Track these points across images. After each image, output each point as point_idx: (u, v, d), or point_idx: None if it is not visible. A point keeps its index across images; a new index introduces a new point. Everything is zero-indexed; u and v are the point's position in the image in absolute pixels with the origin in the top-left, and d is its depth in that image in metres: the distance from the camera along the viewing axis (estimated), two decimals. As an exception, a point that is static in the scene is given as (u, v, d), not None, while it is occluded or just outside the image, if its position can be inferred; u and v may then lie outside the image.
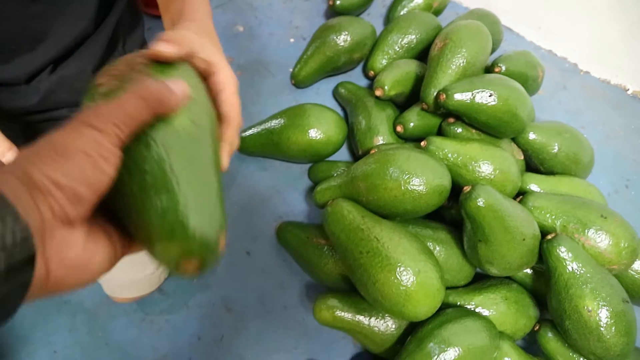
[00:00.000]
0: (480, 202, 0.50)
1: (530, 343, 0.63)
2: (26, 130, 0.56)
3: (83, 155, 0.21)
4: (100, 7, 0.52)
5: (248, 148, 0.72)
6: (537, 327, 0.60)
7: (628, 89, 0.84)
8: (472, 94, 0.59)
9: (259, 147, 0.71)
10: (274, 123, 0.69)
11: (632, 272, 0.61)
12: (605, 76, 0.85)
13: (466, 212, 0.52)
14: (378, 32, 0.81)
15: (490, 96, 0.59)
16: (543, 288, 0.58)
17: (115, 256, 0.26)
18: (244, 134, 0.70)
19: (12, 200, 0.18)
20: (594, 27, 0.81)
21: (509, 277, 0.62)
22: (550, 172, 0.68)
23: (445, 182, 0.56)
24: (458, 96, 0.60)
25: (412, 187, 0.54)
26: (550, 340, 0.58)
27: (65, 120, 0.51)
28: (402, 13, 0.83)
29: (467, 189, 0.52)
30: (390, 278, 0.50)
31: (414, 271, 0.50)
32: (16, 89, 0.52)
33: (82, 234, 0.22)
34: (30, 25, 0.47)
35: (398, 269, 0.50)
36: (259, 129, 0.70)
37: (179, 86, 0.26)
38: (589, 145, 0.69)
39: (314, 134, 0.67)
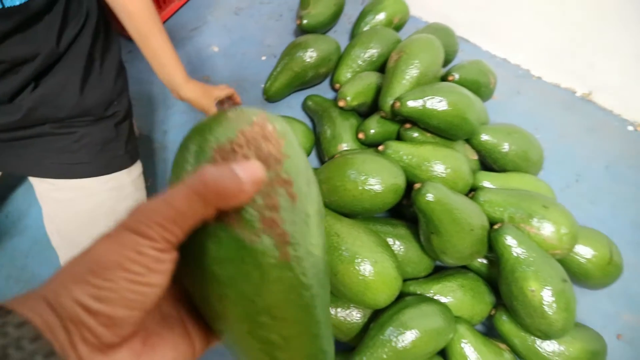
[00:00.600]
0: (429, 197, 0.56)
1: (490, 328, 0.68)
2: (10, 145, 0.61)
3: (120, 271, 0.18)
4: (65, 28, 0.57)
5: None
6: (493, 312, 0.65)
7: (577, 92, 0.91)
8: (424, 100, 0.65)
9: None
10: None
11: (577, 257, 0.66)
12: (556, 80, 0.92)
13: (418, 207, 0.57)
14: (344, 48, 0.88)
15: (440, 102, 0.65)
16: (496, 275, 0.63)
17: (192, 353, 0.23)
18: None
19: (47, 335, 0.17)
20: (544, 35, 0.88)
21: (465, 267, 0.68)
22: (502, 170, 0.74)
23: (400, 181, 0.61)
24: (411, 103, 0.66)
25: (368, 186, 0.59)
26: (505, 323, 0.63)
27: (48, 136, 0.57)
28: (365, 29, 0.90)
29: (417, 186, 0.57)
30: (350, 269, 0.55)
31: (371, 262, 0.55)
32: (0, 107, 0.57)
33: (129, 353, 0.20)
34: (9, 52, 0.52)
35: (356, 261, 0.55)
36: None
37: (248, 172, 0.21)
38: (537, 143, 0.75)
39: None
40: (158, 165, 0.81)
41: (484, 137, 0.72)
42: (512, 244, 0.58)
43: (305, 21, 0.88)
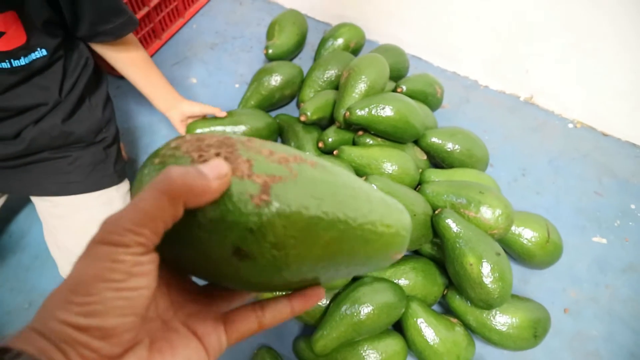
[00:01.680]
0: (372, 186, 0.64)
1: (447, 309, 0.75)
2: (14, 171, 0.70)
3: (100, 283, 0.18)
4: (65, 79, 0.68)
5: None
6: (446, 292, 0.73)
7: (520, 96, 1.01)
8: (369, 109, 0.75)
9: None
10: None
11: (519, 238, 0.74)
12: (501, 88, 1.02)
13: (365, 198, 0.65)
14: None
15: (383, 109, 0.75)
16: (444, 262, 0.70)
17: (205, 353, 0.24)
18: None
19: None
20: (485, 49, 0.98)
21: (417, 253, 0.75)
22: (450, 167, 0.83)
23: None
24: (359, 112, 0.75)
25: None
26: (456, 301, 0.70)
27: (46, 161, 0.67)
28: (324, 54, 1.01)
29: (363, 179, 0.66)
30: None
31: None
32: (6, 141, 0.66)
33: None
34: (14, 103, 0.63)
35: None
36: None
37: (214, 168, 0.21)
38: (481, 142, 0.84)
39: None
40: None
41: (430, 138, 0.81)
42: (451, 225, 0.66)
43: (270, 51, 0.99)
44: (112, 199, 0.75)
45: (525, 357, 0.72)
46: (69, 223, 0.72)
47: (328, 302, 0.68)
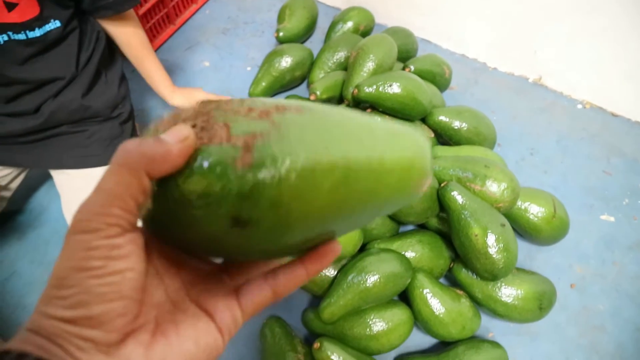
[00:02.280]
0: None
1: (454, 283, 0.76)
2: (34, 146, 0.73)
3: (78, 273, 0.18)
4: (81, 52, 0.71)
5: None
6: (452, 265, 0.74)
7: (529, 78, 1.01)
8: (377, 86, 0.76)
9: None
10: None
11: (526, 213, 0.75)
12: (510, 70, 1.03)
13: (372, 170, 0.67)
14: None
15: (390, 86, 0.76)
16: (449, 231, 0.72)
17: (218, 331, 0.23)
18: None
19: (45, 356, 0.17)
20: (494, 31, 0.98)
21: (424, 227, 0.77)
22: (458, 145, 0.84)
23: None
24: (366, 89, 0.76)
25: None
26: (462, 273, 0.72)
27: (65, 135, 0.70)
28: (335, 37, 1.02)
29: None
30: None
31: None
32: (26, 116, 0.69)
33: (137, 346, 0.20)
34: (33, 76, 0.65)
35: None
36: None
37: (174, 134, 0.19)
38: (488, 120, 0.85)
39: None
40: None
41: (437, 117, 0.82)
42: (456, 197, 0.67)
43: (281, 34, 1.01)
44: None
45: (530, 331, 0.73)
46: (86, 195, 0.74)
47: (336, 272, 0.70)
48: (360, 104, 0.81)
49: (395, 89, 0.76)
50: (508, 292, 0.69)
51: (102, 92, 0.75)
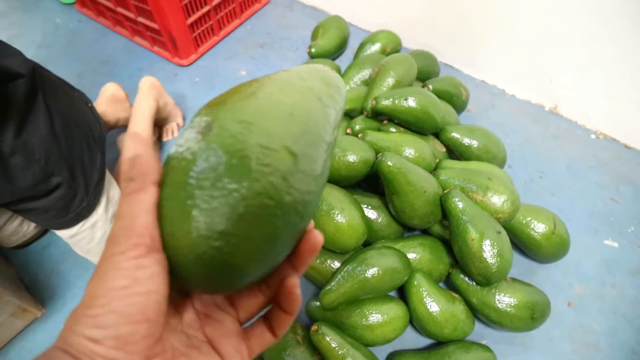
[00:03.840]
0: (389, 163, 0.71)
1: (452, 289, 0.80)
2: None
3: (109, 292, 0.19)
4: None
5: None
6: (451, 270, 0.78)
7: (545, 106, 1.06)
8: (393, 98, 0.83)
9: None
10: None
11: (529, 229, 0.79)
12: (527, 97, 1.07)
13: (380, 172, 0.73)
14: (345, 71, 1.07)
15: (406, 100, 0.82)
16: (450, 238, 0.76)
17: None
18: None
19: None
20: (513, 59, 1.04)
21: (427, 232, 0.81)
22: (468, 161, 0.88)
23: (369, 155, 0.77)
24: (383, 101, 0.83)
25: (344, 158, 0.76)
26: (459, 279, 0.76)
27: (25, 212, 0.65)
28: (362, 56, 1.10)
29: (380, 155, 0.73)
30: (326, 217, 0.71)
31: (342, 211, 0.71)
32: None
33: None
34: None
35: (331, 211, 0.71)
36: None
37: (132, 148, 0.22)
38: (498, 140, 0.89)
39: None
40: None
41: (450, 133, 0.88)
42: (457, 203, 0.71)
43: (313, 50, 1.09)
44: (96, 220, 0.76)
45: (524, 342, 0.76)
46: (79, 246, 0.78)
47: (339, 264, 0.75)
48: (377, 115, 0.88)
49: (410, 102, 0.82)
50: (502, 299, 0.72)
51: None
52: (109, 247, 0.20)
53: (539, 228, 0.78)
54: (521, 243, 0.81)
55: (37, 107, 0.65)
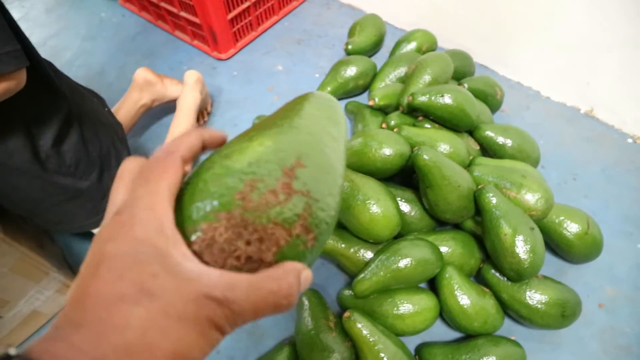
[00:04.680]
0: (425, 157, 0.73)
1: (483, 284, 0.81)
2: None
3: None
4: None
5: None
6: (482, 266, 0.79)
7: (581, 109, 1.05)
8: (430, 95, 0.84)
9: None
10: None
11: (559, 228, 0.79)
12: (563, 99, 1.07)
13: (416, 165, 0.74)
14: (380, 68, 1.09)
15: (442, 97, 0.84)
16: (483, 234, 0.77)
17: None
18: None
19: None
20: (550, 61, 1.04)
21: (458, 227, 0.82)
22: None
23: (404, 149, 0.79)
24: (420, 97, 0.85)
25: (381, 151, 0.78)
26: (490, 273, 0.76)
27: None
28: (398, 54, 1.11)
29: (416, 148, 0.75)
30: (361, 207, 0.73)
31: (377, 202, 0.73)
32: None
33: None
34: None
35: (367, 201, 0.73)
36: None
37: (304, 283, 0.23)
38: (532, 140, 0.90)
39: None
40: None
41: (484, 131, 0.89)
42: (491, 199, 0.72)
43: (350, 46, 1.12)
44: None
45: (552, 340, 0.76)
46: None
47: (372, 255, 0.77)
48: (413, 111, 0.89)
49: (446, 99, 0.84)
50: (533, 296, 0.73)
51: None
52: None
53: (572, 228, 0.78)
54: (553, 242, 0.81)
55: (72, 117, 0.73)
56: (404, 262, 0.71)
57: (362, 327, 0.69)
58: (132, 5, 1.44)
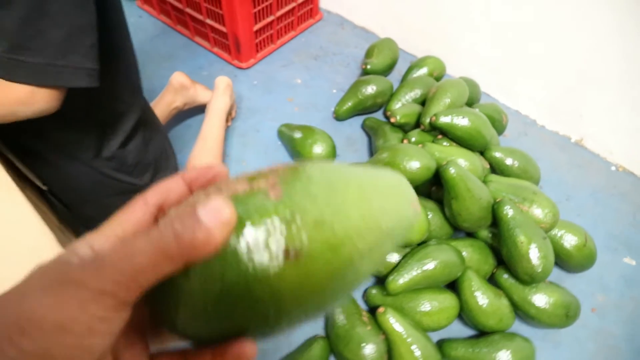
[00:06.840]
0: (452, 170, 0.82)
1: (496, 287, 0.90)
2: None
3: (56, 333, 0.16)
4: None
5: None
6: (495, 270, 0.88)
7: (572, 138, 1.18)
8: (452, 116, 0.93)
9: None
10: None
11: (562, 241, 0.89)
12: (556, 128, 1.20)
13: (443, 178, 0.83)
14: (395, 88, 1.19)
15: (463, 119, 0.93)
16: (497, 244, 0.86)
17: None
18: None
19: None
20: (549, 93, 1.16)
21: (472, 236, 0.92)
22: (508, 178, 1.00)
23: (431, 164, 0.87)
24: (442, 118, 0.94)
25: (409, 164, 0.86)
26: (503, 278, 0.85)
27: None
28: (411, 78, 1.21)
29: (445, 163, 0.83)
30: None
31: (410, 208, 0.80)
32: None
33: None
34: None
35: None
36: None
37: (212, 215, 0.18)
38: (534, 162, 1.01)
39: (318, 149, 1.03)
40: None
41: (494, 153, 0.99)
42: (509, 211, 0.82)
43: (369, 66, 1.20)
44: None
45: (554, 339, 0.86)
46: None
47: (400, 257, 0.84)
48: (433, 129, 0.98)
49: (466, 121, 0.93)
50: (541, 298, 0.82)
51: None
52: (88, 275, 0.17)
53: (571, 240, 0.89)
54: (555, 252, 0.91)
55: (140, 121, 0.78)
56: (433, 264, 0.79)
57: (395, 322, 0.76)
58: (151, 8, 1.47)
